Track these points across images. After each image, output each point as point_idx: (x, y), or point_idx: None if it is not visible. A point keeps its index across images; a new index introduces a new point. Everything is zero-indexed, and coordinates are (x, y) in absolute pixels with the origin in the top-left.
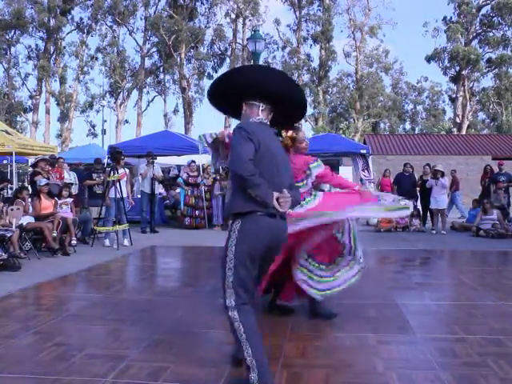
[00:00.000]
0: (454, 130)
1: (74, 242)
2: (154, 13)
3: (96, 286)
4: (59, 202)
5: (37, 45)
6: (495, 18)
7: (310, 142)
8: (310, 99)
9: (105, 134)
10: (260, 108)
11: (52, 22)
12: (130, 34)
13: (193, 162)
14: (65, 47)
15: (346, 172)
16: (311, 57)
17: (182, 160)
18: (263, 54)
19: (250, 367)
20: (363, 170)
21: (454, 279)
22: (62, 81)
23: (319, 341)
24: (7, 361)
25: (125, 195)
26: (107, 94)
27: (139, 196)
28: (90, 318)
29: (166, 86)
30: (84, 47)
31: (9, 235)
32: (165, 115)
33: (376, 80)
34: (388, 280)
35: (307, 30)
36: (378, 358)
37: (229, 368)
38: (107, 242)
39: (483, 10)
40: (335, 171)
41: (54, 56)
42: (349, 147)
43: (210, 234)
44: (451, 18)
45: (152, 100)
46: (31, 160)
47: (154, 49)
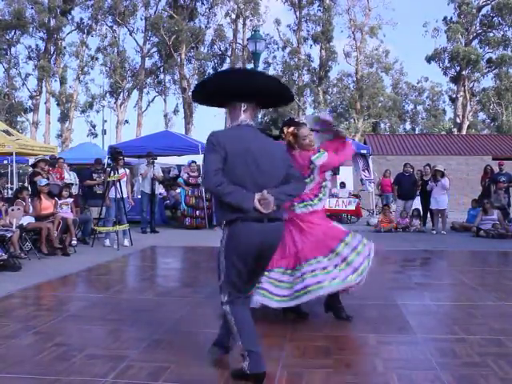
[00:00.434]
0: (455, 130)
1: (74, 242)
2: (155, 13)
3: (96, 287)
4: (59, 202)
5: (37, 45)
6: (495, 18)
7: None
8: (310, 99)
9: (105, 134)
10: (242, 108)
11: (52, 22)
12: (131, 35)
13: (193, 162)
14: (65, 47)
15: (346, 172)
16: (311, 57)
17: (183, 160)
18: (263, 54)
19: (244, 356)
20: (363, 170)
21: (454, 279)
22: (63, 81)
23: (319, 341)
24: (7, 361)
25: (125, 195)
26: (107, 94)
27: (139, 196)
28: (90, 318)
29: (167, 86)
30: (84, 47)
31: (9, 235)
32: (165, 115)
33: (376, 80)
34: (388, 280)
35: (307, 31)
36: (378, 358)
37: (229, 368)
38: (107, 242)
39: (483, 10)
40: (335, 170)
41: (55, 56)
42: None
43: (211, 234)
44: (451, 18)
45: (152, 100)
46: (31, 160)
47: (155, 49)
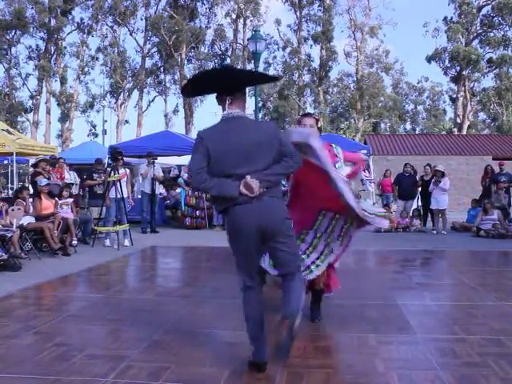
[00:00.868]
0: (455, 130)
1: (74, 242)
2: (155, 13)
3: (96, 287)
4: (60, 202)
5: (37, 45)
6: (496, 18)
7: None
8: (310, 99)
9: (105, 134)
10: (227, 102)
11: (53, 22)
12: (131, 35)
13: None
14: (65, 47)
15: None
16: (312, 57)
17: (183, 160)
18: (264, 55)
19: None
20: (364, 170)
21: (454, 279)
22: (63, 81)
23: (319, 341)
24: (8, 361)
25: (125, 195)
26: (108, 94)
27: (139, 196)
28: (90, 318)
29: (167, 86)
30: (85, 47)
31: (9, 235)
32: (165, 115)
33: (376, 80)
34: (388, 280)
35: (308, 31)
36: (379, 358)
37: (229, 368)
38: (108, 242)
39: (484, 10)
40: None
41: (55, 56)
42: (349, 147)
43: (211, 234)
44: (452, 18)
45: (152, 100)
46: (32, 160)
47: (155, 49)
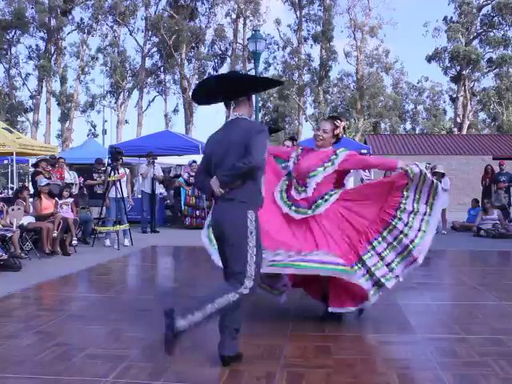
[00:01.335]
0: (455, 129)
1: (74, 242)
2: (155, 13)
3: (97, 286)
4: (60, 202)
5: (37, 45)
6: (496, 18)
7: (311, 141)
8: (310, 99)
9: (105, 134)
10: (231, 106)
11: (53, 22)
12: (131, 34)
13: (194, 162)
14: (65, 47)
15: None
16: (312, 57)
17: (183, 160)
18: (264, 54)
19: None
20: (364, 170)
21: (454, 279)
22: (63, 81)
23: (319, 341)
24: (8, 361)
25: (125, 195)
26: (108, 94)
27: (139, 196)
28: (90, 318)
29: (167, 86)
30: (85, 47)
31: (9, 235)
32: (165, 115)
33: (377, 80)
34: None
35: (308, 30)
36: (379, 358)
37: (229, 368)
38: (108, 242)
39: (484, 10)
40: None
41: (55, 56)
42: (349, 147)
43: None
44: (452, 17)
45: (153, 100)
46: (32, 160)
47: (155, 49)
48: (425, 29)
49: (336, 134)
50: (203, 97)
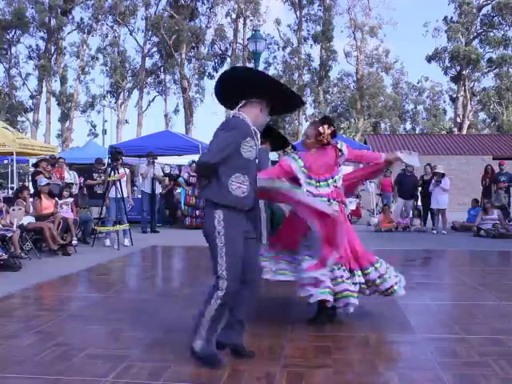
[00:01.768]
0: (455, 129)
1: (74, 241)
2: (155, 13)
3: (97, 286)
4: (60, 202)
5: (37, 45)
6: (496, 18)
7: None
8: (310, 99)
9: (105, 133)
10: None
11: (53, 21)
12: (131, 34)
13: (194, 162)
14: (65, 47)
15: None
16: (312, 57)
17: (183, 160)
18: (264, 54)
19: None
20: None
21: (454, 279)
22: (63, 81)
23: (319, 341)
24: (8, 361)
25: (125, 195)
26: (108, 94)
27: (139, 196)
28: (90, 318)
29: (167, 85)
30: (85, 47)
31: (9, 235)
32: (165, 115)
33: (377, 80)
34: None
35: (308, 30)
36: (379, 357)
37: (229, 368)
38: (108, 241)
39: (484, 10)
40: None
41: (55, 56)
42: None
43: None
44: (452, 17)
45: (153, 100)
46: (32, 160)
47: (155, 49)
48: (425, 29)
49: (319, 140)
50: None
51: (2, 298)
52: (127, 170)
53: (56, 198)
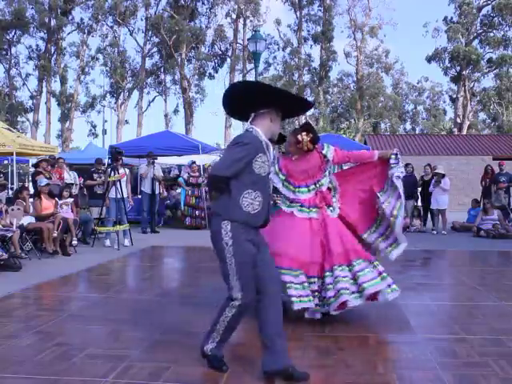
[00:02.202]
0: (455, 130)
1: (74, 242)
2: (155, 13)
3: (97, 286)
4: (60, 202)
5: (37, 45)
6: (496, 18)
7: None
8: (310, 100)
9: (105, 134)
10: (251, 117)
11: (53, 22)
12: (131, 35)
13: (193, 162)
14: (65, 47)
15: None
16: (312, 57)
17: (183, 160)
18: (264, 55)
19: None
20: None
21: (454, 279)
22: (63, 81)
23: (319, 341)
24: (8, 361)
25: (125, 195)
26: (108, 95)
27: (139, 196)
28: (90, 318)
29: (167, 86)
30: (85, 47)
31: (9, 235)
32: (165, 115)
33: (377, 80)
34: None
35: (308, 31)
36: (379, 358)
37: (229, 368)
38: (108, 242)
39: (484, 11)
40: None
41: (55, 56)
42: (349, 147)
43: None
44: (452, 18)
45: (153, 100)
46: (32, 160)
47: (155, 49)
48: (425, 29)
49: (299, 147)
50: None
51: (1, 298)
52: (127, 170)
53: (56, 199)
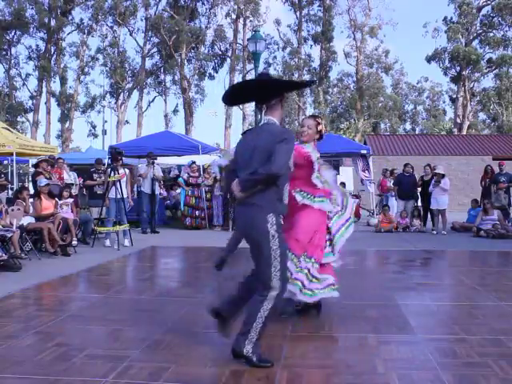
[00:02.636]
0: (455, 130)
1: (74, 242)
2: (155, 13)
3: (96, 287)
4: (60, 202)
5: (37, 45)
6: (496, 19)
7: None
8: (310, 100)
9: (105, 134)
10: (263, 109)
11: (52, 22)
12: (131, 35)
13: (193, 162)
14: (65, 48)
15: (346, 172)
16: (312, 57)
17: (183, 160)
18: (264, 55)
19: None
20: (363, 171)
21: (454, 279)
22: (63, 81)
23: (319, 341)
24: (8, 361)
25: (125, 195)
26: (108, 95)
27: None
28: (90, 318)
29: (167, 86)
30: (84, 47)
31: (9, 235)
32: (165, 115)
33: (376, 80)
34: (388, 280)
35: (308, 31)
36: (379, 358)
37: (229, 368)
38: (108, 242)
39: (484, 11)
40: (336, 171)
41: (55, 56)
42: (349, 148)
43: (211, 234)
44: (451, 18)
45: (152, 100)
46: (32, 160)
47: (155, 49)
48: (424, 29)
49: (319, 130)
50: (233, 98)
51: (2, 298)
52: (127, 171)
53: (56, 199)
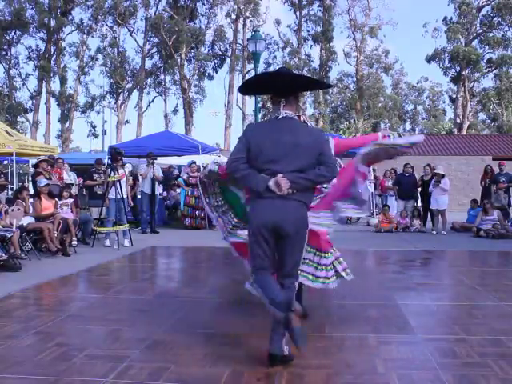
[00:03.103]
0: (455, 130)
1: (74, 242)
2: (155, 13)
3: (96, 287)
4: (59, 202)
5: (37, 45)
6: (495, 19)
7: None
8: (310, 100)
9: (105, 134)
10: (282, 103)
11: (52, 22)
12: (131, 35)
13: (193, 162)
14: (65, 48)
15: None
16: (311, 57)
17: (183, 160)
18: (263, 55)
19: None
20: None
21: (454, 279)
22: (63, 81)
23: (319, 341)
24: (8, 361)
25: (125, 196)
26: (108, 95)
27: (139, 196)
28: (90, 318)
29: (167, 86)
30: (84, 48)
31: (9, 236)
32: (165, 115)
33: (376, 80)
34: (388, 280)
35: (307, 31)
36: (379, 358)
37: (229, 368)
38: (107, 242)
39: (483, 11)
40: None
41: (55, 56)
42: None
43: (210, 234)
44: (451, 18)
45: (152, 100)
46: (32, 161)
47: (155, 49)
48: (424, 29)
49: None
50: (253, 88)
51: (1, 298)
52: (127, 171)
53: (56, 199)
